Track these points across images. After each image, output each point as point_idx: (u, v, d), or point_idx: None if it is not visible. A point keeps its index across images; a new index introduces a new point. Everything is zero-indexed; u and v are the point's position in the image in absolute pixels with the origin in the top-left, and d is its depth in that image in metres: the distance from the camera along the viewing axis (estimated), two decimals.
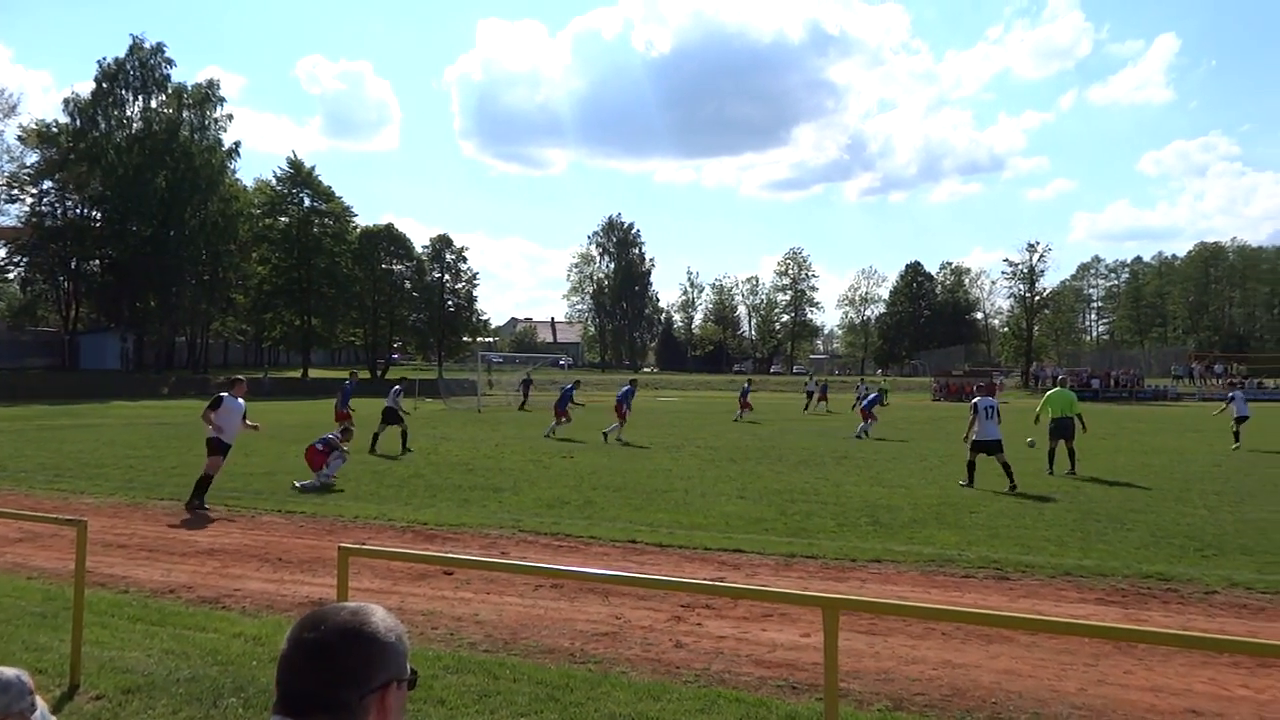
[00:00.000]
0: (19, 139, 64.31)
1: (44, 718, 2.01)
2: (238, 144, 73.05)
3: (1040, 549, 9.87)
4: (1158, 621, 7.17)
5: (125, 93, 66.72)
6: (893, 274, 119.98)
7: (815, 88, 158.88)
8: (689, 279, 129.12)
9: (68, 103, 64.78)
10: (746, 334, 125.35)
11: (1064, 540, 10.36)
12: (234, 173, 73.93)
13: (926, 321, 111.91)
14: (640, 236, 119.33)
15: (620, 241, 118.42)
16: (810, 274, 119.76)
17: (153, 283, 64.72)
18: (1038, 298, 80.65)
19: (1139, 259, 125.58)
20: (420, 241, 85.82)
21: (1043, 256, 78.16)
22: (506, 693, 5.41)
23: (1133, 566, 8.99)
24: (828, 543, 10.20)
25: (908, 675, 5.92)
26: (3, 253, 66.59)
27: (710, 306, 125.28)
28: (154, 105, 67.94)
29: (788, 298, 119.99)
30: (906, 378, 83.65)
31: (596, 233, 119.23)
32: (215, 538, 10.60)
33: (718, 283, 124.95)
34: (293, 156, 73.50)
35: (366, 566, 8.68)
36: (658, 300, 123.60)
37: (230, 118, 71.87)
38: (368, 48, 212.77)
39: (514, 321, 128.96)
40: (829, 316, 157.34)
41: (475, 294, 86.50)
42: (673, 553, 9.81)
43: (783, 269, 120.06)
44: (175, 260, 65.11)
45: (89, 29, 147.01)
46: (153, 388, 55.78)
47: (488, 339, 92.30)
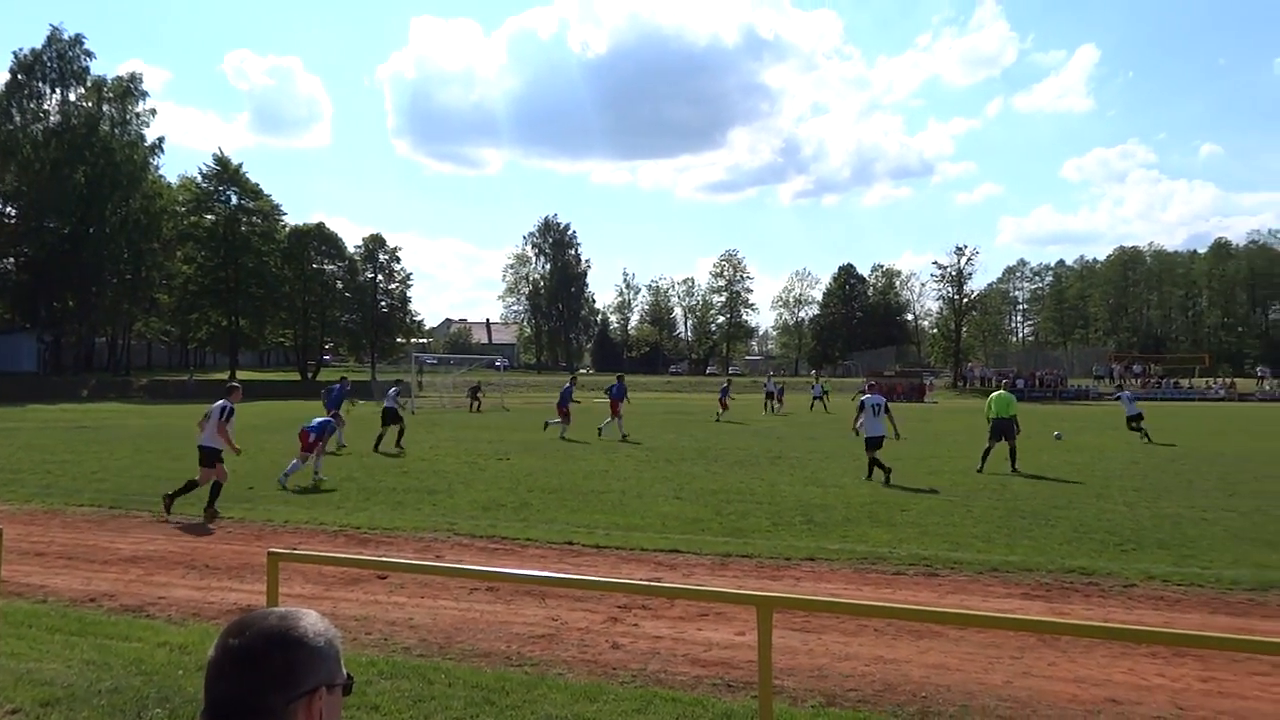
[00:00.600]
0: None
1: None
2: (161, 139, 71.28)
3: (968, 545, 10.11)
4: (1080, 614, 7.41)
5: (42, 85, 64.58)
6: (826, 276, 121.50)
7: (750, 91, 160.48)
8: (625, 280, 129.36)
9: None
10: (682, 335, 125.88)
11: (991, 537, 10.62)
12: (157, 169, 72.08)
13: (859, 323, 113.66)
14: (576, 238, 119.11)
15: (556, 242, 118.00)
16: (745, 276, 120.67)
17: (71, 282, 62.61)
18: (966, 300, 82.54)
19: (1062, 262, 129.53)
20: (353, 241, 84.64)
21: (970, 260, 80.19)
22: (441, 697, 5.37)
23: (1056, 561, 9.26)
24: (763, 542, 10.31)
25: (841, 671, 6.01)
26: None
27: (646, 308, 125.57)
28: (72, 99, 65.87)
29: (723, 299, 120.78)
30: (840, 379, 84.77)
31: (532, 233, 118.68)
32: (139, 545, 10.31)
33: (654, 284, 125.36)
34: (219, 153, 71.68)
35: (298, 572, 8.52)
36: (594, 301, 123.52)
37: (153, 112, 70.26)
38: (297, 43, 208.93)
39: (449, 322, 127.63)
40: (764, 318, 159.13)
41: (409, 295, 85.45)
42: (609, 554, 9.82)
43: (718, 270, 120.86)
44: (95, 258, 63.15)
45: (3, 18, 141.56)
46: (71, 390, 53.95)
47: (422, 340, 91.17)
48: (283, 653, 1.40)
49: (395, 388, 23.71)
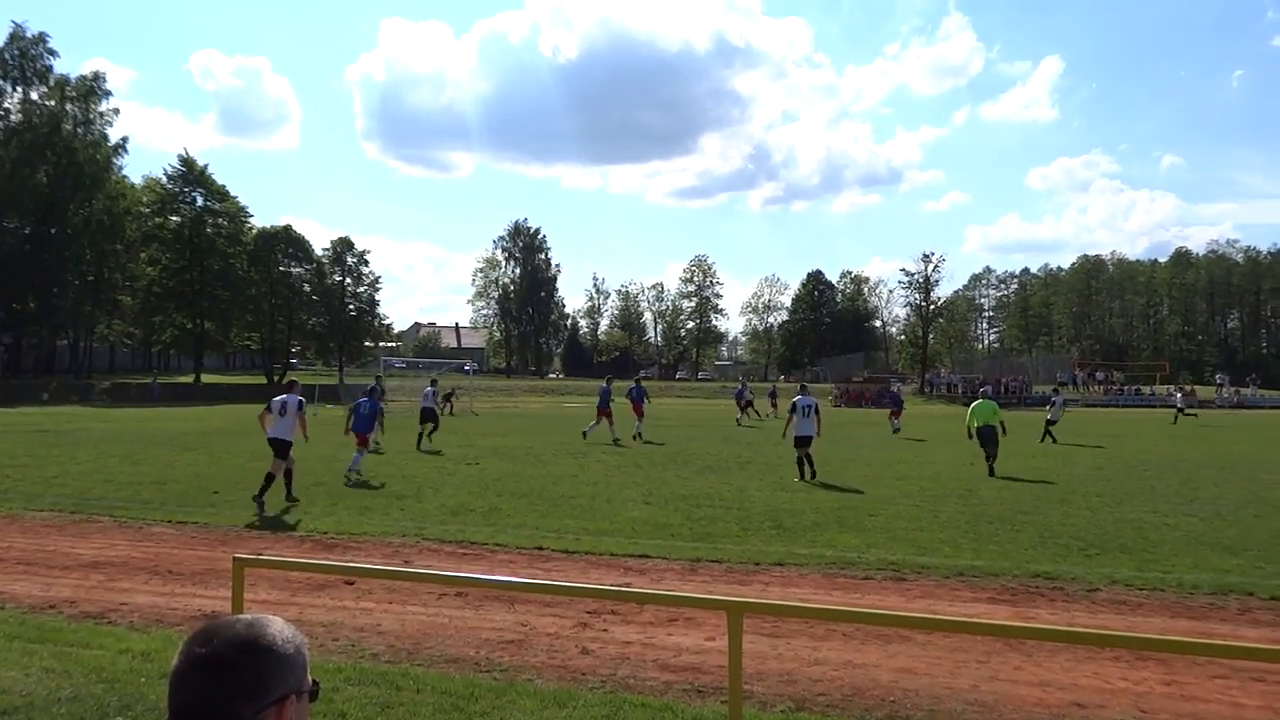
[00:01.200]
0: None
1: None
2: (125, 139, 70.45)
3: (936, 550, 10.19)
4: (1045, 619, 7.49)
5: (3, 83, 63.45)
6: (795, 282, 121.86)
7: (721, 97, 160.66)
8: (595, 285, 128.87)
9: None
10: (652, 340, 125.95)
11: (958, 542, 10.72)
12: (121, 169, 71.01)
13: (827, 329, 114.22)
14: (547, 242, 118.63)
15: (526, 247, 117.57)
16: (715, 281, 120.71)
17: (32, 283, 61.50)
18: (933, 307, 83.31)
19: (1027, 270, 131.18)
20: (320, 244, 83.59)
21: (937, 267, 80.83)
22: (410, 704, 5.32)
23: (1022, 566, 9.36)
24: (732, 547, 10.33)
25: (810, 676, 6.03)
26: None
27: (616, 313, 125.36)
28: (35, 97, 64.81)
29: (693, 304, 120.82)
30: (809, 384, 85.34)
31: (502, 238, 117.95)
32: (100, 550, 10.14)
33: (623, 289, 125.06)
34: (184, 154, 70.84)
35: (263, 578, 8.42)
36: (564, 306, 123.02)
37: (116, 112, 69.27)
38: (265, 43, 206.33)
39: (418, 326, 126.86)
40: (733, 323, 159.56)
41: (377, 298, 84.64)
42: (579, 559, 9.80)
43: (688, 276, 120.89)
44: (56, 260, 62.03)
45: None
46: (32, 393, 53.02)
47: (390, 344, 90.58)
48: (252, 661, 1.38)
49: (432, 387, 25.30)
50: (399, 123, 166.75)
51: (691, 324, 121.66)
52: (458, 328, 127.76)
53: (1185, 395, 49.83)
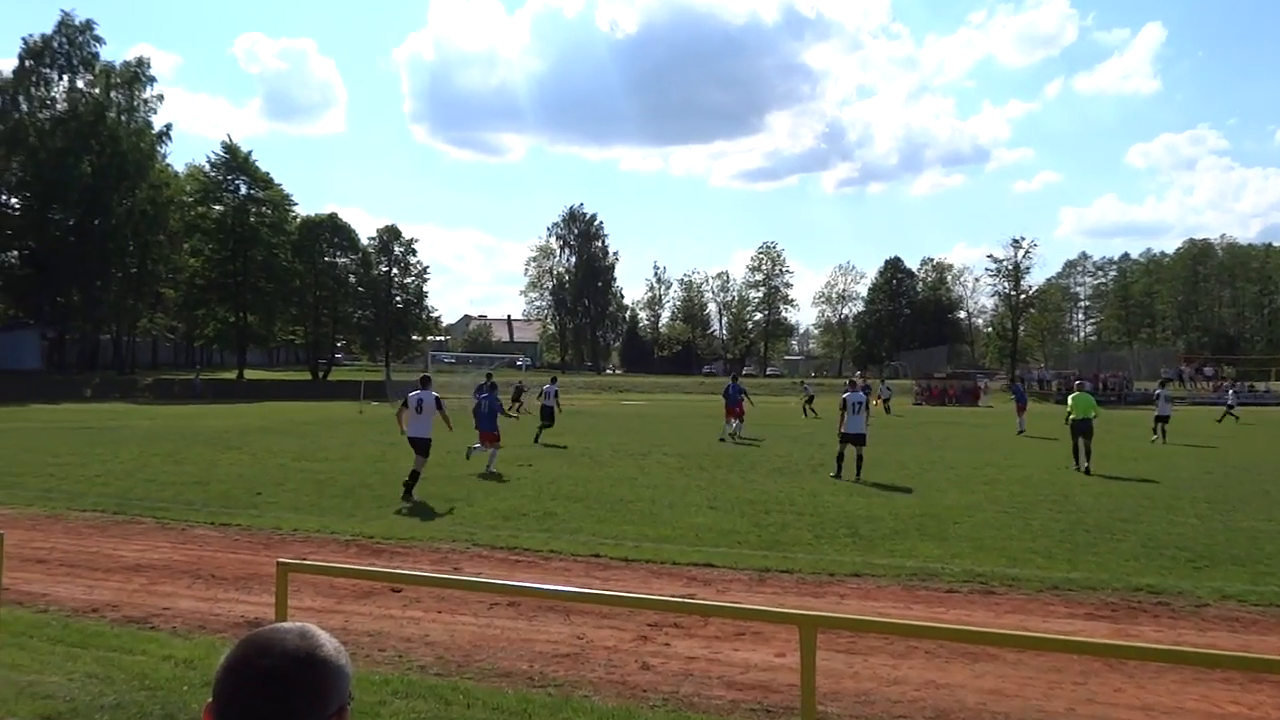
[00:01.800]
0: None
1: None
2: (169, 127, 72.50)
3: (1027, 561, 9.99)
4: (1148, 636, 7.30)
5: (50, 71, 65.77)
6: (872, 270, 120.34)
7: (790, 72, 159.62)
8: (655, 274, 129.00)
9: None
10: (717, 333, 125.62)
11: (1051, 552, 10.50)
12: (164, 158, 73.19)
13: (907, 321, 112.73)
14: (604, 228, 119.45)
15: (582, 234, 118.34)
16: (785, 270, 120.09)
17: (76, 275, 63.54)
18: (1023, 296, 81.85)
19: (1127, 256, 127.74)
20: (366, 232, 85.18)
21: (1028, 253, 79.71)
22: (459, 719, 5.37)
23: (1122, 579, 9.13)
24: (804, 556, 10.25)
25: (889, 696, 5.95)
26: None
27: (678, 304, 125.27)
28: (80, 85, 67.00)
29: (760, 295, 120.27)
30: (887, 380, 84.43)
31: (557, 224, 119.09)
32: (142, 552, 10.44)
33: (686, 278, 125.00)
34: (228, 140, 72.85)
35: (307, 584, 8.58)
36: (622, 297, 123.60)
37: (161, 98, 71.30)
38: (310, 25, 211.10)
39: (467, 319, 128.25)
40: (804, 315, 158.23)
41: (425, 289, 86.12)
42: (639, 567, 9.80)
43: (755, 264, 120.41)
44: (100, 251, 64.11)
45: (13, 3, 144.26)
46: (75, 389, 54.87)
47: (439, 338, 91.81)
48: (311, 675, 1.42)
49: (552, 385, 27.08)
50: (448, 104, 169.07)
51: (759, 316, 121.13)
52: (509, 320, 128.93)
53: (1237, 391, 48.30)
